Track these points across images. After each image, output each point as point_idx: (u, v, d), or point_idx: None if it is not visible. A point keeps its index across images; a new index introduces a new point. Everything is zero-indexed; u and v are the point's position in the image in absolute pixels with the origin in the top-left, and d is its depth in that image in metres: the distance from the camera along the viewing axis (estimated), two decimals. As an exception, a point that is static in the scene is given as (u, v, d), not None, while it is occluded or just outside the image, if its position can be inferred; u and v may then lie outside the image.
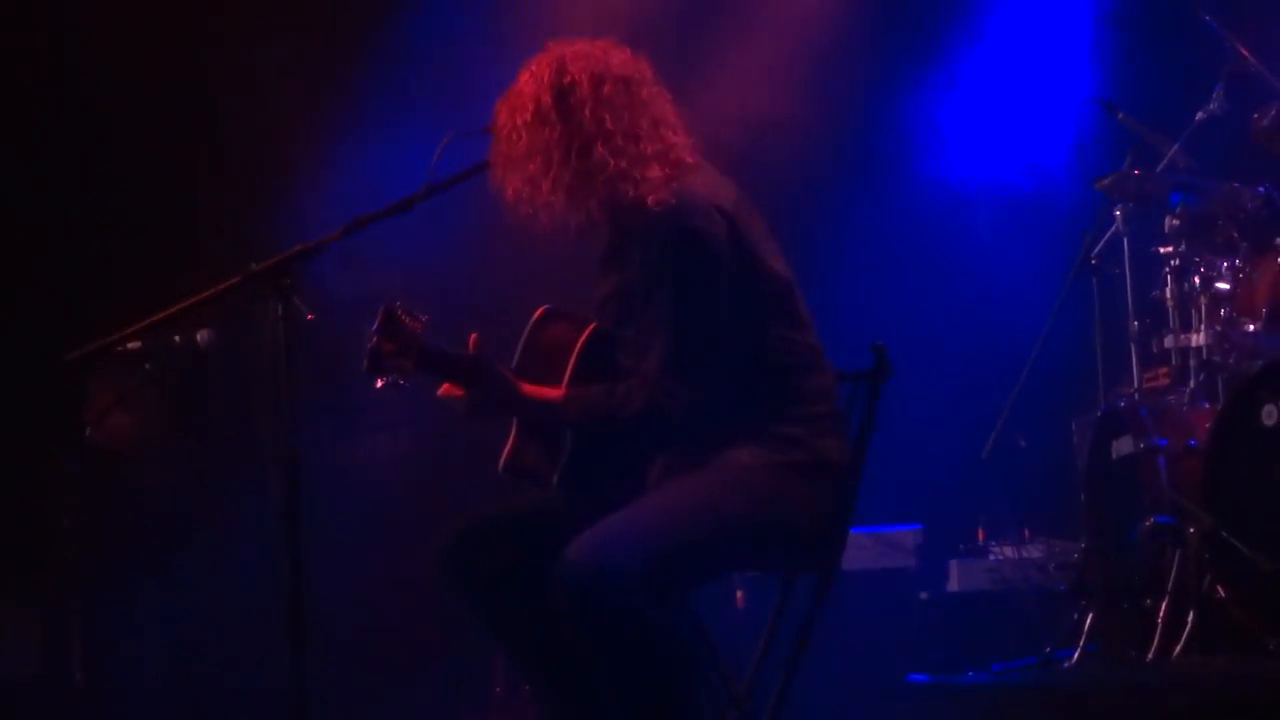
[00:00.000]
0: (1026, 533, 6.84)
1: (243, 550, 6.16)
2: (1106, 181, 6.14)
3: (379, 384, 4.13)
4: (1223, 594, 5.45)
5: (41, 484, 6.14)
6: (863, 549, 6.46)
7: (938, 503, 6.94)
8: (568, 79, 4.25)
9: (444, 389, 4.29)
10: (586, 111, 4.23)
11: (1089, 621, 5.88)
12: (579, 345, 4.29)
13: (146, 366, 5.74)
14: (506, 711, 6.40)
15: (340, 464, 5.96)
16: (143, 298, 4.60)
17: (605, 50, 4.31)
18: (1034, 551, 6.70)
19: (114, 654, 6.32)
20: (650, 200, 4.17)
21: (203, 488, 6.43)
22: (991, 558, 6.80)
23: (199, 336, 5.69)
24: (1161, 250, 6.08)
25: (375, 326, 4.08)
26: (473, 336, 4.19)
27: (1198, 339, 5.95)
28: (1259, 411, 5.43)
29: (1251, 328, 5.82)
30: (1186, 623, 5.48)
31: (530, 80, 4.28)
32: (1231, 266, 5.90)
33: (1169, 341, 6.08)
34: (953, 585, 6.78)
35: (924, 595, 6.66)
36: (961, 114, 7.47)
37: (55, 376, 4.91)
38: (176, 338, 5.70)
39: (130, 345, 5.50)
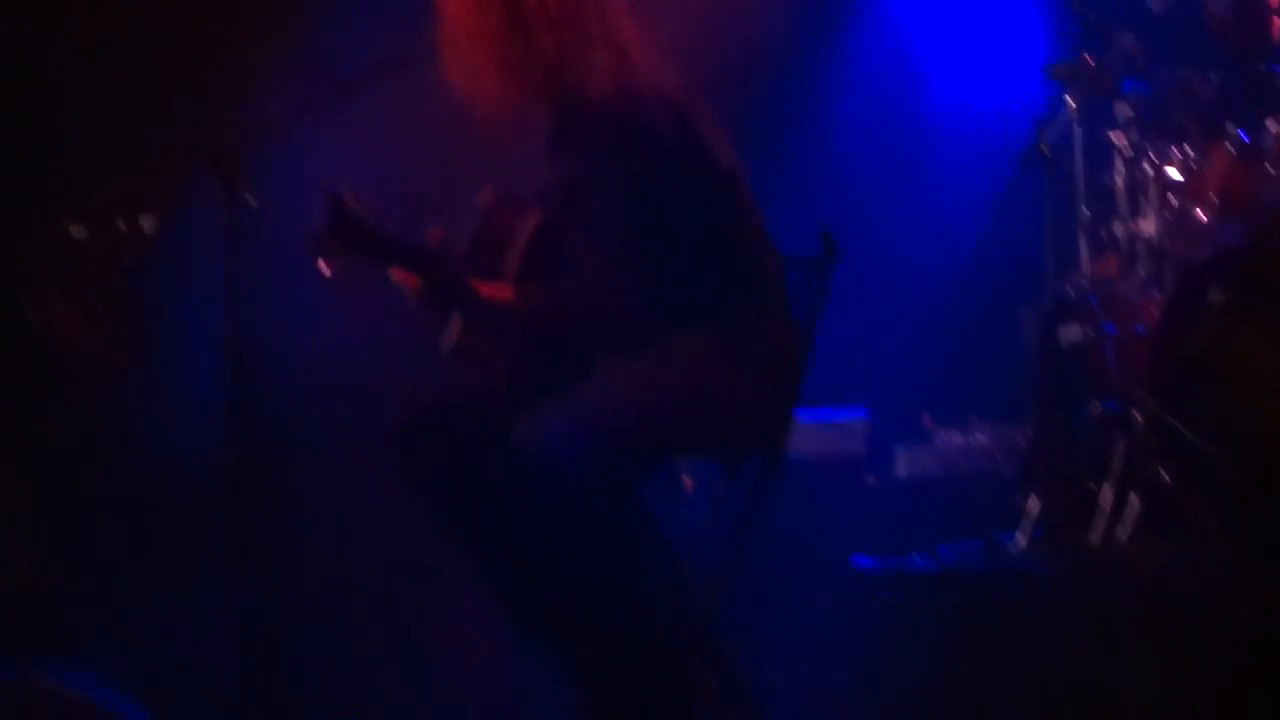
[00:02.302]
0: (973, 419, 6.86)
1: (187, 439, 6.13)
2: (1059, 69, 6.12)
3: (327, 271, 4.11)
4: (1167, 479, 5.48)
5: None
6: (810, 436, 6.46)
7: (885, 389, 6.95)
8: None
9: (397, 275, 4.27)
10: None
11: (1034, 506, 5.92)
12: (526, 234, 4.27)
13: (91, 253, 5.68)
14: (455, 599, 6.41)
15: (287, 351, 5.92)
16: (87, 183, 4.55)
17: None
18: (981, 437, 6.73)
19: (61, 540, 6.30)
20: (595, 90, 4.15)
21: (146, 375, 6.39)
22: (938, 443, 6.83)
23: (144, 222, 5.64)
24: (1113, 137, 6.07)
25: (323, 212, 4.05)
26: (436, 232, 4.17)
27: (1147, 226, 5.95)
28: (1206, 296, 5.44)
29: (1201, 215, 5.82)
30: (1131, 507, 5.52)
31: None
32: (1183, 154, 5.89)
33: (1119, 229, 6.08)
34: (900, 471, 6.80)
35: (871, 481, 6.68)
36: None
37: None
38: (121, 224, 5.64)
39: (74, 231, 5.44)
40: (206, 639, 5.61)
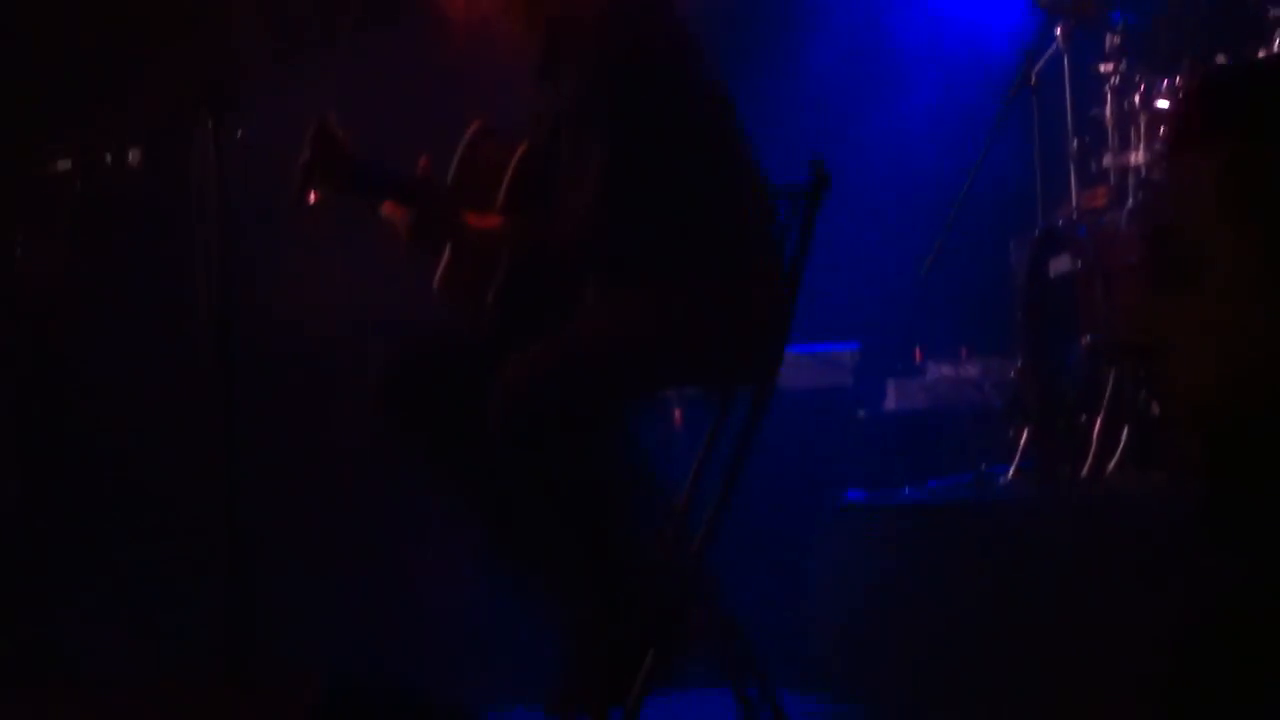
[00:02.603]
0: (964, 351, 6.86)
1: (175, 370, 6.12)
2: (1047, -1, 6.10)
3: (311, 199, 4.09)
4: (1157, 411, 5.49)
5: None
6: (800, 368, 6.47)
7: (875, 322, 6.95)
8: None
9: (386, 208, 4.25)
10: None
11: (1024, 439, 5.92)
12: (513, 165, 4.24)
13: (77, 186, 5.67)
14: (442, 537, 6.41)
15: (273, 286, 5.91)
16: (72, 118, 4.53)
17: None
18: (971, 370, 6.73)
19: (46, 480, 6.30)
20: (578, 16, 4.11)
21: (132, 310, 6.37)
22: (928, 376, 6.83)
23: (130, 155, 5.62)
24: (1101, 68, 6.04)
25: (307, 139, 4.03)
26: (423, 162, 4.15)
27: (1137, 158, 5.92)
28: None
29: (1190, 146, 5.80)
30: (1121, 440, 5.52)
31: None
32: (1171, 84, 5.87)
33: (1108, 160, 6.05)
34: (890, 404, 6.81)
35: (861, 414, 6.69)
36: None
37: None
38: (107, 157, 5.62)
39: (60, 165, 5.43)
40: (190, 584, 5.63)
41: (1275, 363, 1.61)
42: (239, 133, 4.16)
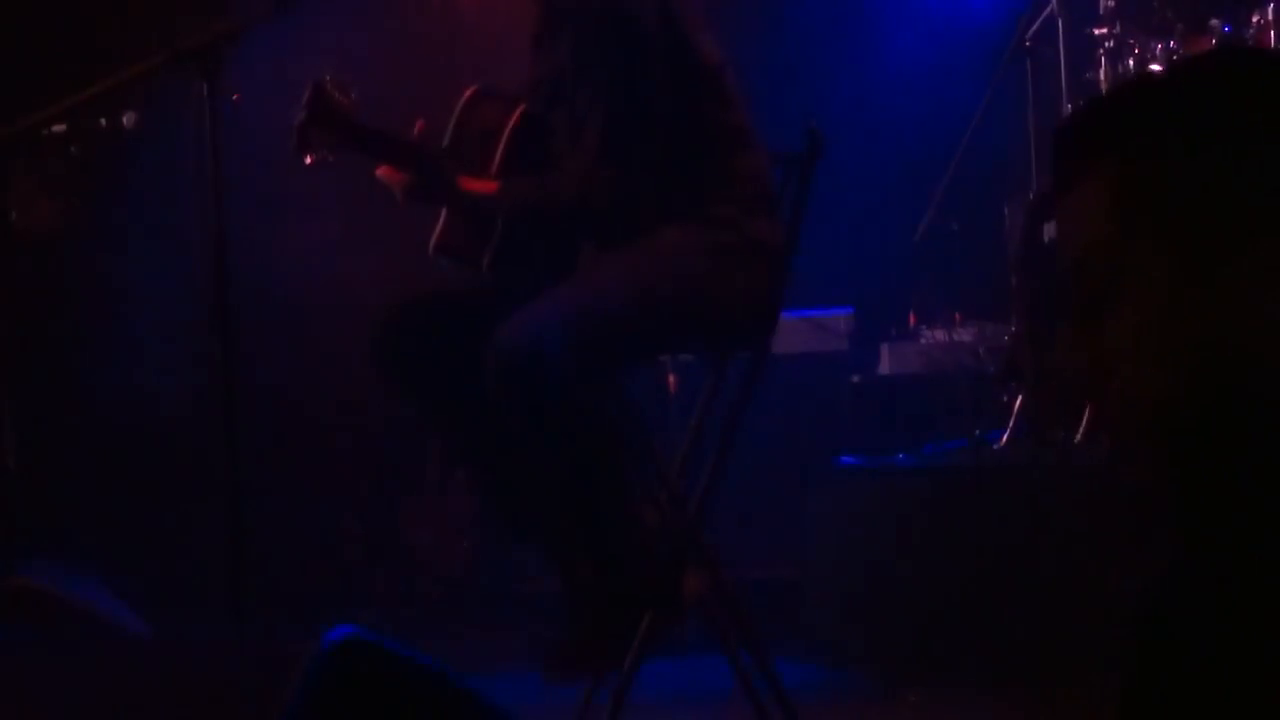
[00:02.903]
0: (957, 316, 6.85)
1: (170, 338, 6.13)
2: (1042, -39, 6.09)
3: (308, 160, 4.09)
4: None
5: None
6: (794, 332, 6.46)
7: (869, 286, 6.95)
8: None
9: (382, 170, 4.25)
10: None
11: (1018, 404, 5.92)
12: (509, 128, 4.24)
13: (71, 150, 5.64)
14: (441, 494, 6.43)
15: (269, 249, 5.90)
16: (66, 80, 4.50)
17: None
18: (965, 335, 6.72)
19: (45, 441, 6.30)
20: None
21: (128, 273, 6.37)
22: (922, 341, 6.83)
23: (125, 118, 5.59)
24: (1096, 32, 6.03)
25: (304, 101, 4.02)
26: (420, 124, 4.15)
27: (1132, 121, 5.91)
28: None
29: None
30: (1115, 404, 5.51)
31: None
32: (1166, 48, 5.85)
33: (1103, 124, 6.04)
34: (884, 369, 6.80)
35: (855, 379, 6.68)
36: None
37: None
38: (102, 120, 5.59)
39: (54, 128, 5.40)
40: (192, 541, 5.63)
41: (1216, 370, 1.63)
42: (234, 96, 4.14)
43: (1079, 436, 5.58)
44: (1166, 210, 1.67)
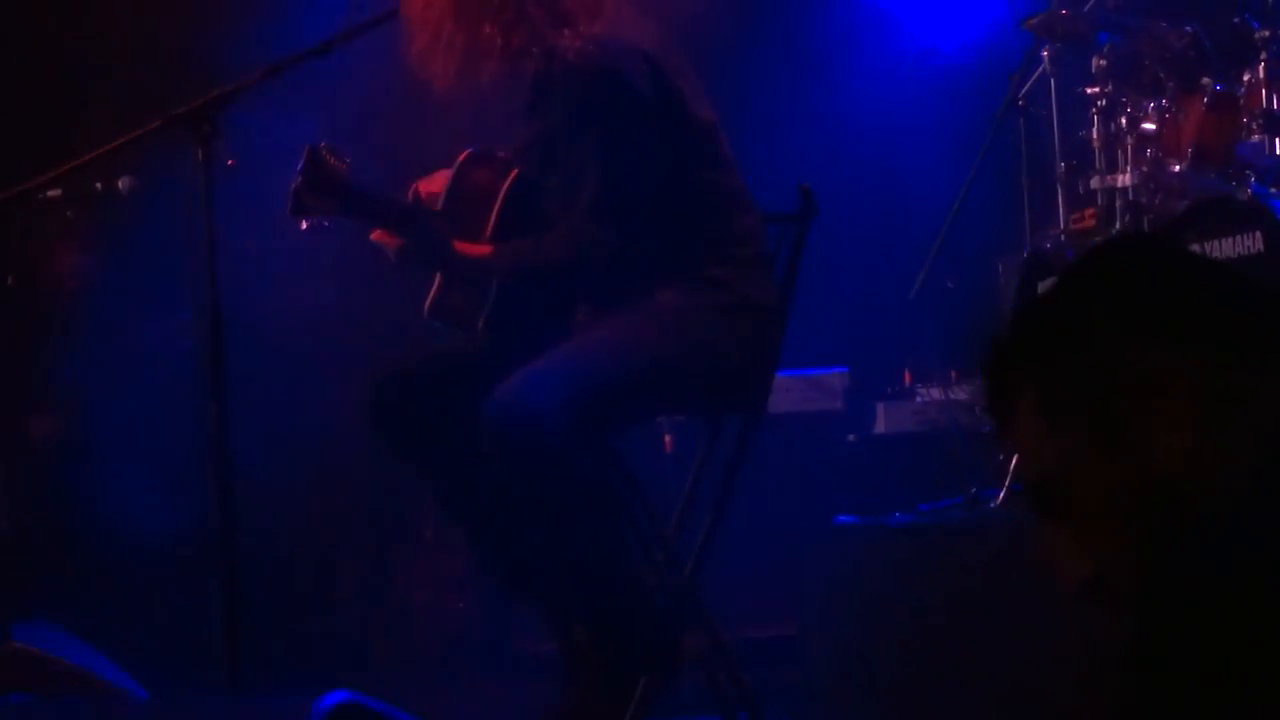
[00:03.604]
0: (953, 374, 6.85)
1: (166, 400, 6.12)
2: (1034, 21, 6.10)
3: (304, 225, 4.11)
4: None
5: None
6: (789, 391, 6.46)
7: (864, 345, 6.95)
8: None
9: (377, 234, 4.27)
10: None
11: (1014, 462, 5.91)
12: (503, 191, 4.26)
13: (67, 214, 5.67)
14: (436, 553, 6.41)
15: (265, 313, 5.91)
16: (61, 144, 4.53)
17: None
18: (960, 393, 6.72)
19: (40, 506, 6.30)
20: (569, 49, 4.13)
21: (124, 337, 6.37)
22: (918, 399, 6.83)
23: (120, 183, 5.61)
24: (1088, 91, 6.05)
25: (300, 166, 4.04)
26: (414, 186, 4.17)
27: (1124, 180, 5.93)
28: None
29: (1177, 168, 5.81)
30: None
31: None
32: (1158, 107, 5.87)
33: (1095, 183, 6.06)
34: (879, 427, 6.79)
35: (851, 437, 6.68)
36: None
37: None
38: (98, 184, 5.61)
39: (50, 193, 5.43)
40: (188, 605, 5.61)
41: (1155, 501, 1.98)
42: (229, 160, 4.17)
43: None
44: (1080, 406, 1.97)
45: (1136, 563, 1.98)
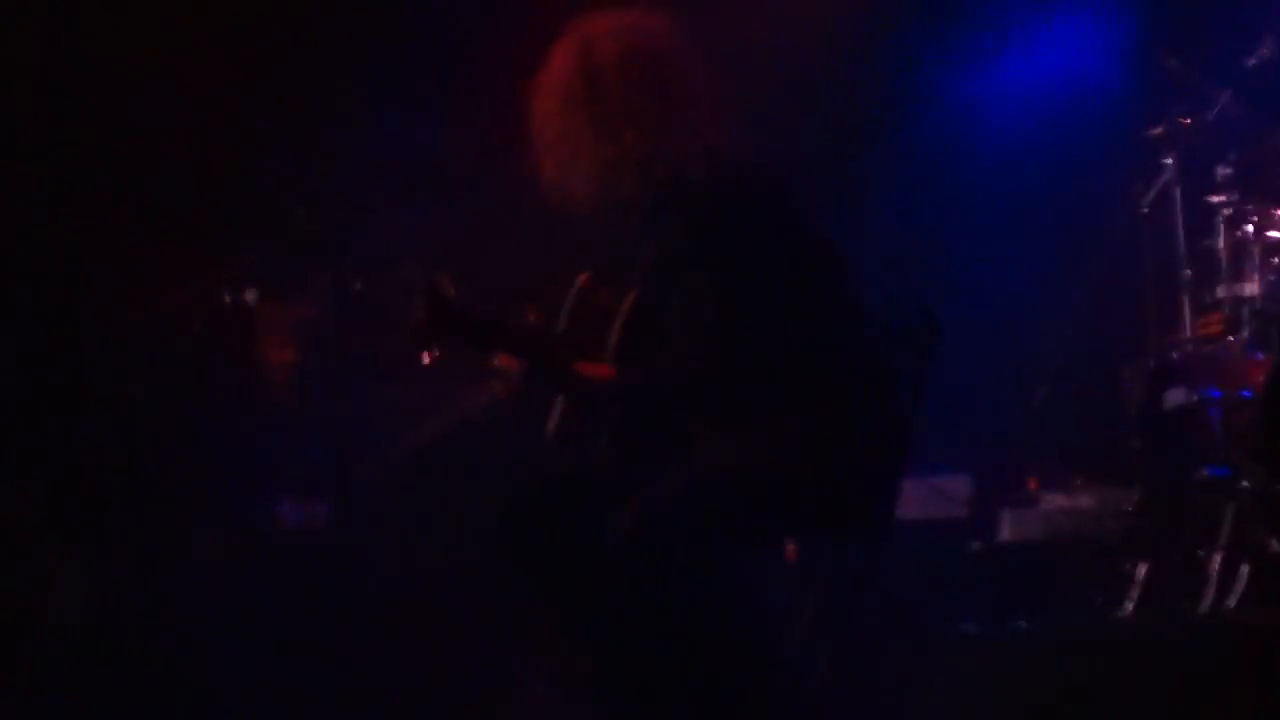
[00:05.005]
0: (1078, 479, 6.80)
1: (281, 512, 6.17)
2: (1158, 130, 6.09)
3: (426, 359, 4.14)
4: (1277, 547, 5.43)
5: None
6: (913, 499, 6.43)
7: (989, 451, 6.92)
8: (595, 60, 4.22)
9: (500, 359, 4.30)
10: (614, 93, 4.20)
11: (1142, 573, 5.86)
12: (623, 313, 4.28)
13: (195, 327, 5.74)
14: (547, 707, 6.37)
15: (390, 434, 5.95)
16: (192, 256, 4.60)
17: (634, 24, 4.27)
18: (1086, 500, 6.67)
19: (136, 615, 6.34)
20: (689, 173, 4.16)
21: (250, 450, 6.43)
22: (1043, 506, 6.77)
23: (248, 295, 5.68)
24: (1214, 199, 6.02)
25: (420, 301, 4.08)
26: (534, 313, 4.20)
27: (1251, 288, 5.90)
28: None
29: (1306, 277, 5.79)
30: (1240, 576, 5.46)
31: (558, 62, 4.26)
32: (1285, 214, 5.86)
33: (1222, 291, 6.02)
34: (1004, 535, 6.75)
35: (976, 545, 6.64)
36: (1002, 71, 7.41)
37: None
38: (226, 297, 5.69)
39: (179, 303, 5.52)
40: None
41: None
42: (357, 284, 4.22)
43: (1204, 607, 5.52)
44: None
45: None
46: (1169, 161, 6.15)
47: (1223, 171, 5.98)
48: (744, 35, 6.50)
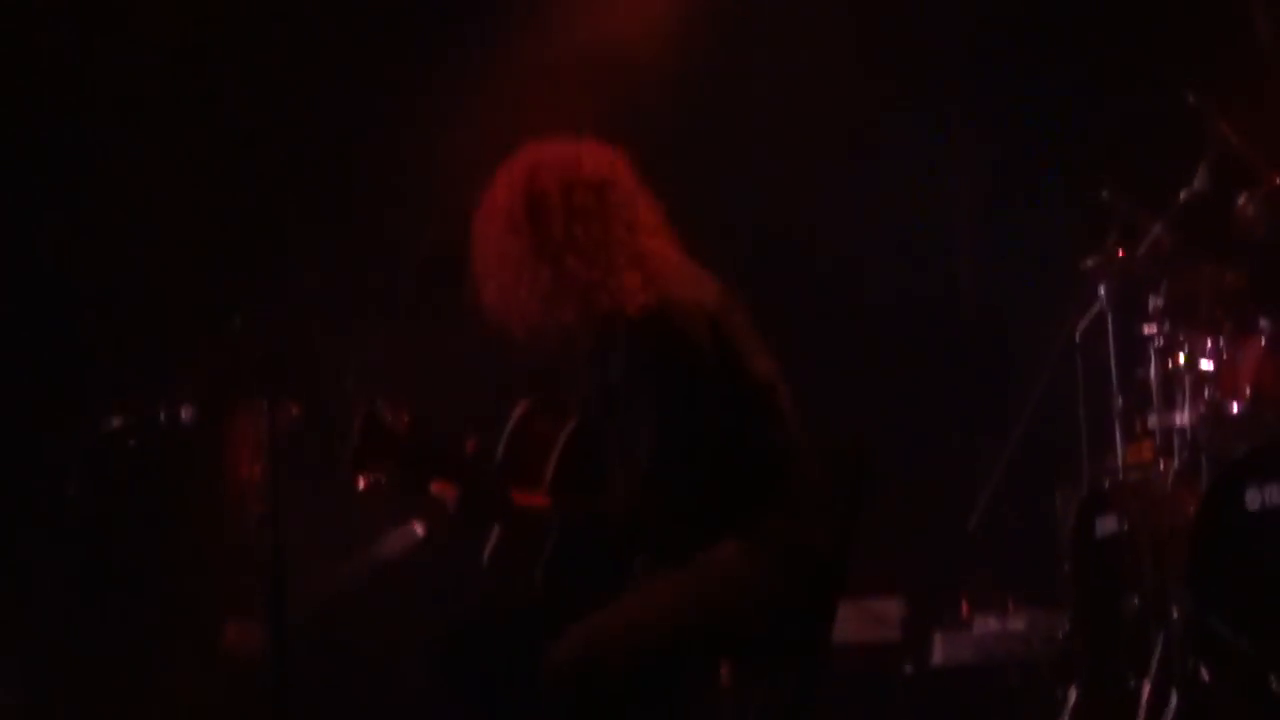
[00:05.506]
0: (1011, 604, 6.83)
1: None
2: (1091, 261, 6.15)
3: (361, 485, 4.14)
4: (1206, 677, 5.46)
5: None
6: (846, 621, 6.42)
7: (922, 574, 6.95)
8: (539, 187, 4.24)
9: (436, 486, 4.29)
10: (557, 221, 4.22)
11: (1073, 699, 5.88)
12: (561, 443, 4.30)
13: (130, 444, 5.72)
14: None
15: (322, 559, 5.93)
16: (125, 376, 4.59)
17: (580, 154, 4.29)
18: (1018, 623, 6.70)
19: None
20: (629, 307, 4.18)
21: (183, 569, 6.40)
22: (975, 630, 6.80)
23: (183, 413, 5.66)
24: (1145, 329, 6.07)
25: (356, 429, 4.08)
26: (471, 441, 4.20)
27: (1182, 418, 5.95)
28: (1243, 495, 5.46)
29: (1235, 408, 5.84)
30: (1170, 705, 5.48)
31: (503, 187, 4.28)
32: (1215, 346, 5.91)
33: (1153, 421, 6.07)
34: (937, 658, 6.77)
35: (908, 668, 6.65)
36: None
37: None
38: (161, 415, 5.67)
39: (114, 422, 5.50)
40: None
41: None
42: (294, 410, 4.23)
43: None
44: None
45: None
46: (1102, 291, 6.20)
47: (1155, 302, 6.03)
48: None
